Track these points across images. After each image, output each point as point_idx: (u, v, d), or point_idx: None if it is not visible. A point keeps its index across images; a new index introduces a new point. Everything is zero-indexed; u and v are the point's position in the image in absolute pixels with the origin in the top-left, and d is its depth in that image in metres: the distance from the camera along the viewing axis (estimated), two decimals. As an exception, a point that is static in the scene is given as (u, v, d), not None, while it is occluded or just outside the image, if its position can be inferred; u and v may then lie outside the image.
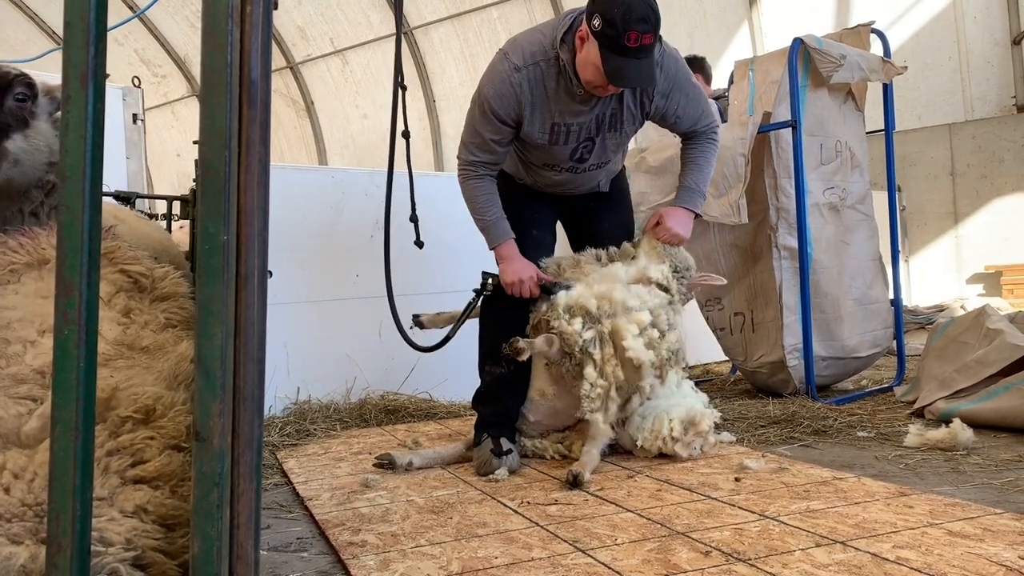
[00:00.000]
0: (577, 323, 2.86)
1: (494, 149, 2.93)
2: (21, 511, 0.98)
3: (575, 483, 2.64)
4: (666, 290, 3.04)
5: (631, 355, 2.84)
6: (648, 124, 3.44)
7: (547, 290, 3.01)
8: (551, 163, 3.04)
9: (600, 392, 2.86)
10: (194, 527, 0.88)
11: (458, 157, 3.02)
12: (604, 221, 3.28)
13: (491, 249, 3.03)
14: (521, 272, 2.96)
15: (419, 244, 3.35)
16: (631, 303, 2.90)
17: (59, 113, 1.97)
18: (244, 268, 0.87)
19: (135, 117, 4.46)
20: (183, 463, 1.17)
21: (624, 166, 3.44)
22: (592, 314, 2.87)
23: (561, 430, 3.18)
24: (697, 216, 3.19)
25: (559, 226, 3.39)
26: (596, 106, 2.90)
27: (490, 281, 3.06)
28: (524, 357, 2.83)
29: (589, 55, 2.68)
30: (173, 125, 16.38)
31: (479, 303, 3.17)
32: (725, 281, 3.42)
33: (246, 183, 0.87)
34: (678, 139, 3.28)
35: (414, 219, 3.35)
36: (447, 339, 3.19)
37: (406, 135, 3.32)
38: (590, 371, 2.86)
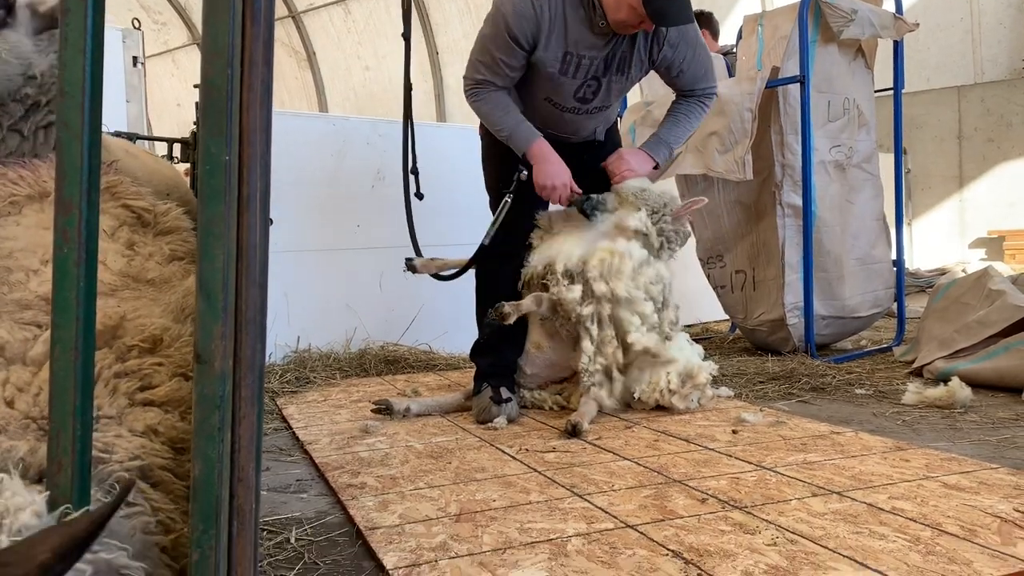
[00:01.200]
0: (576, 291, 2.87)
1: (504, 73, 2.84)
2: (25, 423, 0.98)
3: (574, 432, 2.66)
4: (646, 236, 3.02)
5: (638, 348, 2.90)
6: (656, 79, 3.40)
7: (580, 207, 2.93)
8: (554, 99, 2.99)
9: (599, 368, 2.91)
10: (195, 449, 0.88)
11: (465, 77, 2.91)
12: (597, 176, 3.24)
13: (521, 154, 2.91)
14: (555, 177, 2.87)
15: (419, 196, 3.34)
16: (634, 294, 2.91)
17: (46, 32, 1.93)
18: (246, 189, 0.86)
19: (135, 60, 4.39)
20: (192, 391, 1.16)
21: (618, 118, 3.40)
22: (595, 294, 2.88)
23: (559, 381, 3.20)
24: (656, 167, 3.18)
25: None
26: (610, 43, 2.87)
27: (522, 174, 2.87)
28: (511, 321, 2.83)
29: None
30: (173, 74, 16.20)
31: (510, 203, 2.97)
32: (707, 200, 3.40)
33: (248, 102, 0.85)
34: None
35: (415, 171, 3.33)
36: (481, 247, 3.00)
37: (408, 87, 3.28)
38: (587, 345, 2.89)
